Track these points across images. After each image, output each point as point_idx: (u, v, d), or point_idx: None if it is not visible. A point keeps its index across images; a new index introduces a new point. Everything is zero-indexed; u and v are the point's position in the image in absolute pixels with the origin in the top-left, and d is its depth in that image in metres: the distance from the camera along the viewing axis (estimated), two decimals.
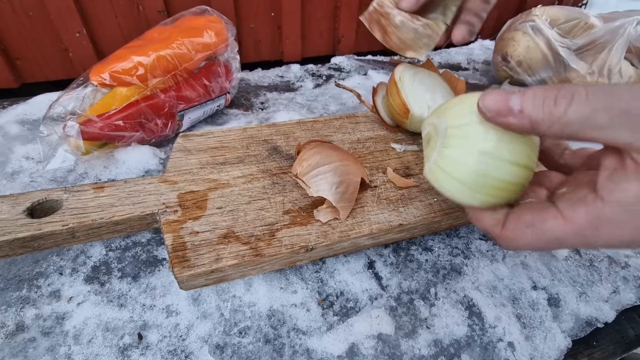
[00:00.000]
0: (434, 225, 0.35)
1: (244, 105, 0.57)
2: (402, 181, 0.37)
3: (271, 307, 0.32)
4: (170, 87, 0.44)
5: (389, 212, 0.34)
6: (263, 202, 0.33)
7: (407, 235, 0.35)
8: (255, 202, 0.33)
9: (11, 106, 0.52)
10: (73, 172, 0.42)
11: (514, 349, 0.30)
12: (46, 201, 0.31)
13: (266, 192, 0.34)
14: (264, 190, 0.34)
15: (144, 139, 0.44)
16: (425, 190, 0.37)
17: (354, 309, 0.32)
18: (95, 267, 0.33)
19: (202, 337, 0.29)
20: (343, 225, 0.32)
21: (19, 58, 0.55)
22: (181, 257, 0.28)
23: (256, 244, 0.30)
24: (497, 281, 0.35)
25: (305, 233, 0.31)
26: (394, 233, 0.33)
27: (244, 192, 0.34)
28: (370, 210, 0.34)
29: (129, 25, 0.58)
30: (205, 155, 0.37)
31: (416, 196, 0.36)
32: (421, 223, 0.34)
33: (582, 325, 0.33)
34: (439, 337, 0.31)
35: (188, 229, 0.30)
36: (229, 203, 0.33)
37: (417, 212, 0.34)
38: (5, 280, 0.32)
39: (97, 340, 0.29)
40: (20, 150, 0.45)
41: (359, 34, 0.73)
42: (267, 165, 0.37)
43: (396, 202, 0.35)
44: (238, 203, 0.33)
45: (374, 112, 0.44)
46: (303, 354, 0.29)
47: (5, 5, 0.50)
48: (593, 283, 0.35)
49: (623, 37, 0.51)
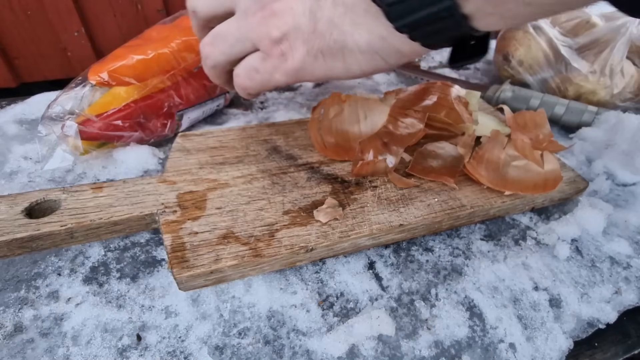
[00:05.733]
0: (435, 225, 0.35)
1: (244, 105, 0.57)
2: (403, 181, 0.37)
3: (271, 308, 0.31)
4: (169, 86, 0.44)
5: (389, 212, 0.34)
6: (262, 203, 0.33)
7: (408, 235, 0.35)
8: (255, 203, 0.33)
9: (9, 106, 0.51)
10: (71, 172, 0.42)
11: (515, 350, 0.30)
12: (44, 201, 0.31)
13: (266, 192, 0.34)
14: (264, 190, 0.34)
15: (143, 138, 0.44)
16: (426, 190, 0.36)
17: (354, 310, 0.32)
18: (94, 268, 0.33)
19: (202, 338, 0.29)
20: (343, 225, 0.32)
21: (17, 57, 0.55)
22: (180, 258, 0.28)
23: (255, 245, 0.30)
24: (498, 282, 0.35)
25: (305, 233, 0.31)
26: (395, 233, 0.33)
27: (243, 192, 0.34)
28: (370, 210, 0.34)
29: (127, 25, 0.58)
30: (204, 155, 0.37)
31: (417, 196, 0.36)
32: (422, 223, 0.33)
33: (584, 326, 0.32)
34: (439, 338, 0.30)
35: (187, 230, 0.30)
36: (228, 203, 0.33)
37: (418, 212, 0.34)
38: (3, 281, 0.32)
39: (96, 341, 0.28)
40: (18, 150, 0.44)
41: None
42: (266, 165, 0.37)
43: (396, 202, 0.35)
44: (237, 203, 0.33)
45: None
46: (303, 355, 0.29)
47: (4, 5, 0.50)
48: (595, 284, 0.35)
49: (625, 36, 0.51)
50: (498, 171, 0.36)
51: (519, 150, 0.37)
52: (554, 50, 0.54)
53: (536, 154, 0.37)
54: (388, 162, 0.37)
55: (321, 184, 0.36)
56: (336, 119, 0.38)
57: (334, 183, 0.36)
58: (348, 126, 0.39)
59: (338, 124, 0.39)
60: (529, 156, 0.37)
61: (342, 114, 0.39)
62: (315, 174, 0.37)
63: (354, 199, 0.35)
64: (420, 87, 0.40)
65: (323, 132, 0.38)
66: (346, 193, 0.35)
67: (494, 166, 0.36)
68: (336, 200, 0.34)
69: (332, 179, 0.37)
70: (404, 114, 0.38)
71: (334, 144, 0.38)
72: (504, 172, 0.36)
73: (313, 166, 0.38)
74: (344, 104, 0.39)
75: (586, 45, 0.53)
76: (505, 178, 0.36)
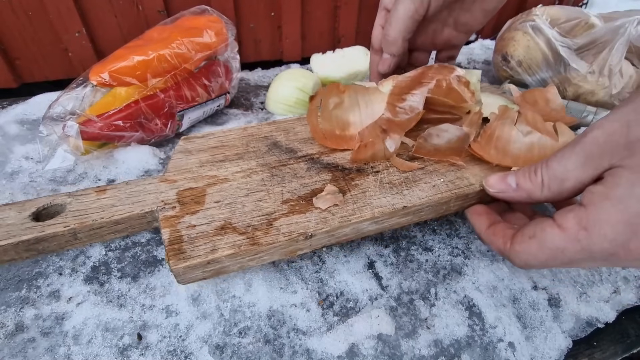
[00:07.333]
0: (442, 207, 0.33)
1: (244, 105, 0.57)
2: (406, 164, 0.35)
3: (271, 307, 0.32)
4: (169, 87, 0.44)
5: (392, 195, 0.32)
6: (261, 194, 0.32)
7: (414, 219, 0.33)
8: (254, 194, 0.32)
9: (10, 106, 0.52)
10: (72, 172, 0.42)
11: (514, 349, 0.30)
12: (51, 206, 0.31)
13: (265, 184, 0.33)
14: (263, 182, 0.34)
15: (144, 138, 0.44)
16: (430, 172, 0.34)
17: (354, 309, 0.32)
18: (95, 267, 0.33)
19: (202, 338, 0.29)
20: (343, 210, 0.31)
21: (19, 58, 0.55)
22: (177, 250, 0.27)
23: (253, 234, 0.29)
24: (498, 281, 0.35)
25: (303, 220, 0.30)
26: (399, 216, 0.32)
27: (242, 185, 0.33)
28: (372, 195, 0.32)
29: (128, 25, 0.58)
30: (205, 154, 0.37)
31: (421, 178, 0.34)
32: (427, 204, 0.32)
33: (583, 325, 0.33)
34: (439, 338, 0.31)
35: (185, 223, 0.29)
36: (227, 197, 0.32)
37: (423, 193, 0.32)
38: (5, 281, 0.32)
39: (97, 341, 0.29)
40: (19, 150, 0.45)
41: (359, 33, 0.73)
42: (266, 159, 0.36)
43: (400, 186, 0.33)
44: (236, 196, 0.32)
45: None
46: (303, 354, 0.29)
47: (5, 5, 0.50)
48: (593, 283, 0.35)
49: (624, 37, 0.51)
50: (509, 148, 0.34)
51: (530, 124, 0.34)
52: (552, 50, 0.55)
53: (548, 125, 0.35)
54: (388, 146, 0.36)
55: (321, 172, 0.35)
56: (336, 110, 0.38)
57: (335, 171, 0.35)
58: (349, 116, 0.37)
59: (339, 114, 0.38)
60: (541, 129, 0.34)
61: (343, 105, 0.38)
62: (315, 164, 0.36)
63: (355, 184, 0.33)
64: (417, 72, 0.38)
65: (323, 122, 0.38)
66: (347, 180, 0.34)
67: (505, 143, 0.34)
68: (336, 187, 0.33)
69: (332, 168, 0.35)
70: (402, 99, 0.37)
71: (334, 134, 0.37)
72: (516, 149, 0.34)
73: (313, 157, 0.37)
74: (343, 94, 0.38)
75: (585, 46, 0.53)
76: (518, 155, 0.34)
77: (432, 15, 0.41)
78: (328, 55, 0.62)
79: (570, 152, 0.26)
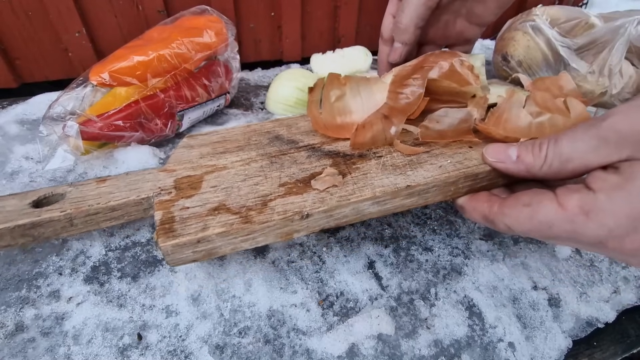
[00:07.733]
0: (450, 188, 0.31)
1: (244, 105, 0.57)
2: (410, 148, 0.33)
3: (271, 307, 0.32)
4: (170, 87, 0.44)
5: (395, 176, 0.31)
6: (259, 179, 0.32)
7: (420, 200, 0.31)
8: (251, 179, 0.32)
9: (10, 106, 0.52)
10: (72, 172, 0.42)
11: (514, 349, 0.30)
12: (52, 195, 0.31)
13: (263, 170, 0.33)
14: (261, 169, 0.33)
15: (144, 139, 0.44)
16: (437, 154, 0.33)
17: (354, 309, 0.32)
18: (95, 267, 0.33)
19: (202, 338, 0.29)
20: (343, 191, 0.30)
21: (19, 58, 0.55)
22: (167, 229, 0.27)
23: (247, 213, 0.28)
24: (498, 281, 0.35)
25: (300, 200, 0.29)
26: (403, 197, 0.30)
27: (240, 172, 0.33)
28: (374, 176, 0.31)
29: (128, 25, 0.58)
30: (207, 148, 0.36)
31: (426, 160, 0.32)
32: (433, 184, 0.30)
33: (583, 325, 0.33)
34: (439, 338, 0.31)
35: (179, 206, 0.29)
36: (224, 182, 0.31)
37: (428, 173, 0.31)
38: (5, 280, 0.32)
39: (97, 341, 0.29)
40: (19, 150, 0.45)
41: (359, 33, 0.73)
42: (266, 150, 0.35)
43: (403, 167, 0.32)
44: (233, 181, 0.31)
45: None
46: (303, 354, 0.29)
47: (5, 5, 0.50)
48: (593, 283, 0.35)
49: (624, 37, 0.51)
50: (518, 129, 0.33)
51: (539, 105, 0.33)
52: (552, 50, 0.55)
53: (559, 102, 0.33)
54: (391, 131, 0.34)
55: (322, 159, 0.34)
56: (338, 103, 0.37)
57: (336, 157, 0.34)
58: (351, 105, 0.37)
59: (341, 106, 0.37)
60: (551, 108, 0.33)
61: (345, 97, 0.37)
62: (316, 152, 0.35)
63: (356, 168, 0.32)
64: (419, 59, 0.38)
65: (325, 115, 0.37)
66: (348, 164, 0.33)
67: (513, 126, 0.33)
68: (336, 170, 0.31)
69: (333, 154, 0.34)
70: (404, 85, 0.36)
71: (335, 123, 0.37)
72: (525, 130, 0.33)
73: (315, 146, 0.36)
74: (344, 86, 0.38)
75: (585, 46, 0.53)
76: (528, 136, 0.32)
77: (445, 5, 0.40)
78: (328, 55, 0.62)
79: (583, 133, 0.24)
